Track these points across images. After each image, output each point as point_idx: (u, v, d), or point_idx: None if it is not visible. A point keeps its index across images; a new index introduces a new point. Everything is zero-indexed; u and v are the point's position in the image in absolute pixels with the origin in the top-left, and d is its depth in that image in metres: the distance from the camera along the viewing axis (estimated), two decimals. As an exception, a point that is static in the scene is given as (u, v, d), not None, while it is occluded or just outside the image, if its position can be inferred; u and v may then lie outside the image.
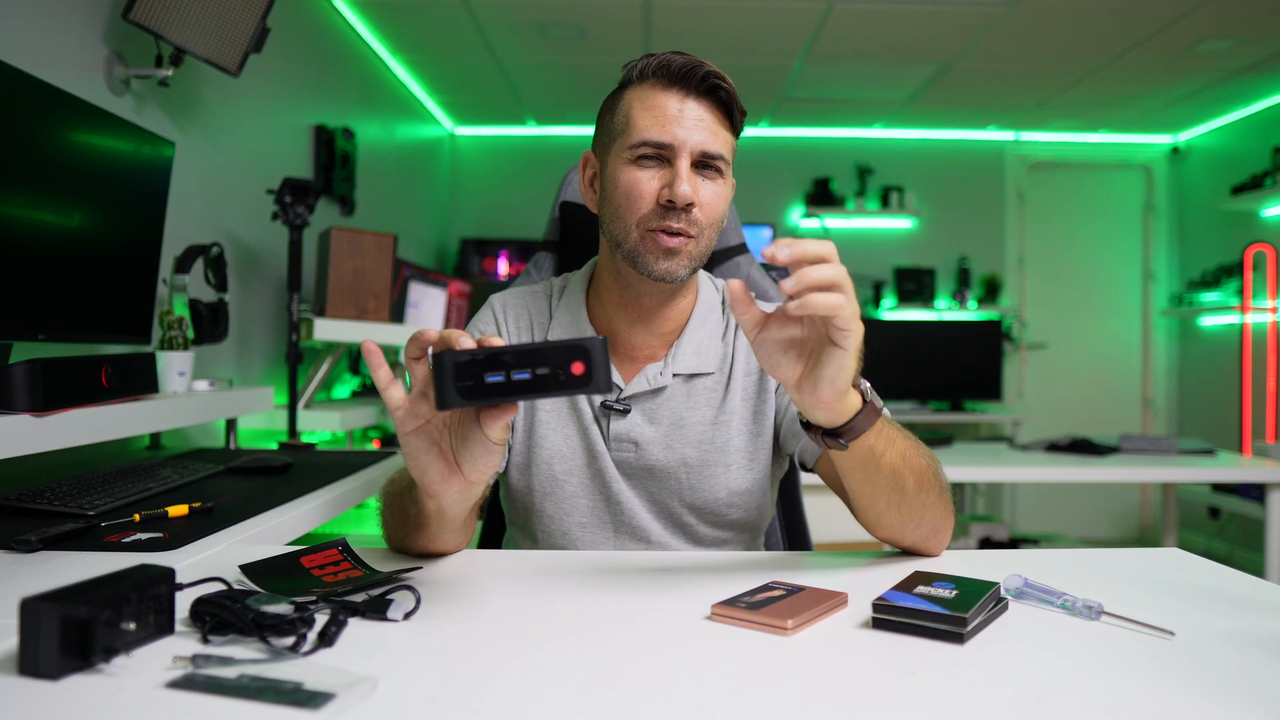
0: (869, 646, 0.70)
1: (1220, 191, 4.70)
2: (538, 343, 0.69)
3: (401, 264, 3.06)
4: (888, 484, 0.92)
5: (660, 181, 1.01)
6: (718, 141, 1.02)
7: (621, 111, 1.05)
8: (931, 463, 0.96)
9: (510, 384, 0.68)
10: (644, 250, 1.02)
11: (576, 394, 0.71)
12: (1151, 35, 3.58)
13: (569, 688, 0.61)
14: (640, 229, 1.02)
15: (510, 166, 5.20)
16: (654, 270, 1.02)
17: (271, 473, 1.60)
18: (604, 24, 3.56)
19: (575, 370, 0.68)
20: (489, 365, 0.68)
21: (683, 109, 1.01)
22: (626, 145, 1.02)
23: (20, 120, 1.39)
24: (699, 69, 1.00)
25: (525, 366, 0.68)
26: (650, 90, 1.02)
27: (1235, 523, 4.55)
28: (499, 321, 1.16)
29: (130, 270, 1.73)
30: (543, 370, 0.68)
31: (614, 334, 1.12)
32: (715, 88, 1.01)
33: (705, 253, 1.06)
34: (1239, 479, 3.28)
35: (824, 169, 5.19)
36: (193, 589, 0.75)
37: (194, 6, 1.95)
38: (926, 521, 0.96)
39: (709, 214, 1.03)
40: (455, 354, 0.68)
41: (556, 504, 1.10)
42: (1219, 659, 0.68)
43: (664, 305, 1.10)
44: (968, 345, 4.62)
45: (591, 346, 0.69)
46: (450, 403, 0.68)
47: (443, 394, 0.68)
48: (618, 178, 1.03)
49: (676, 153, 1.00)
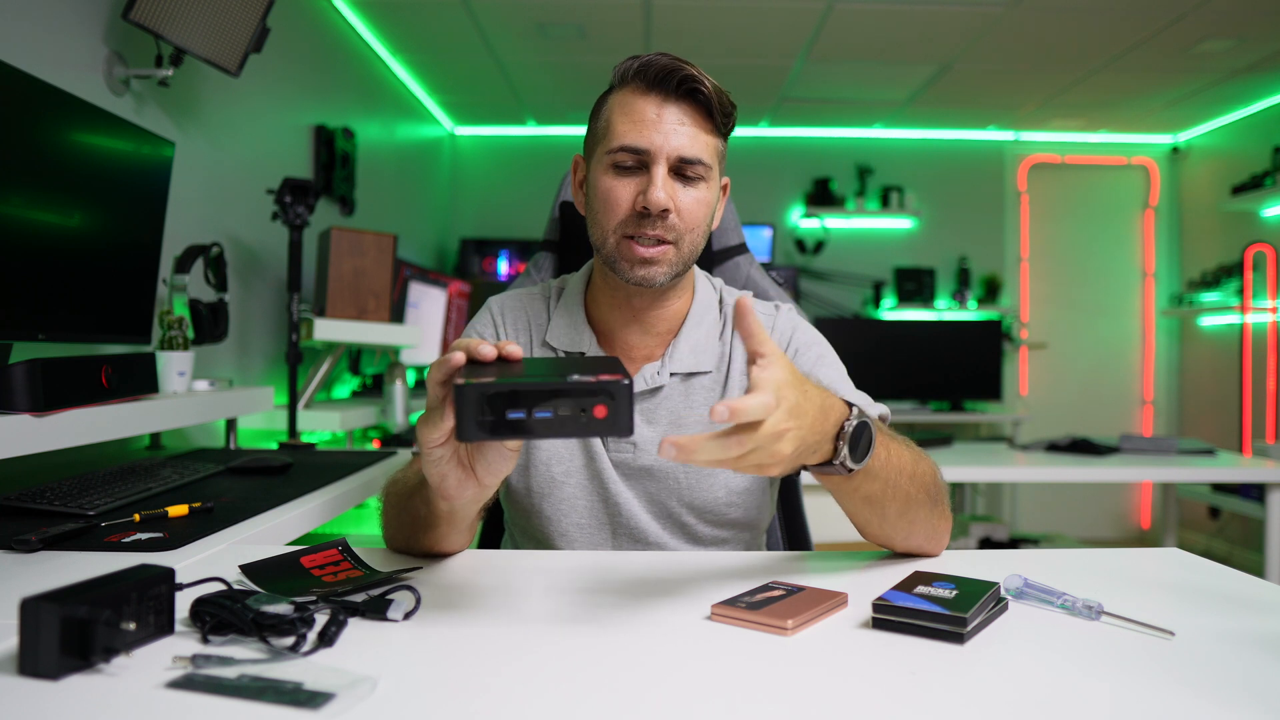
0: (869, 646, 0.70)
1: (1220, 191, 4.70)
2: (562, 381, 0.68)
3: (401, 264, 3.06)
4: (867, 508, 0.92)
5: (636, 188, 1.01)
6: (697, 145, 1.01)
7: (604, 116, 1.05)
8: (922, 481, 0.93)
9: (531, 421, 0.68)
10: (620, 257, 1.03)
11: (597, 436, 0.70)
12: (1151, 35, 3.58)
13: (569, 688, 0.61)
14: (616, 235, 1.02)
15: (510, 166, 5.20)
16: (630, 276, 1.03)
17: (271, 473, 1.60)
18: (604, 24, 3.56)
19: (598, 413, 0.68)
20: (512, 401, 0.67)
21: (661, 113, 1.00)
22: (605, 150, 1.03)
23: (20, 120, 1.39)
24: (677, 72, 0.99)
25: (548, 405, 0.68)
26: (631, 95, 1.02)
27: (1235, 523, 4.55)
28: (497, 324, 1.16)
29: (130, 270, 1.73)
30: (565, 411, 0.68)
31: (610, 334, 1.12)
32: (694, 91, 1.00)
33: (689, 258, 1.05)
34: (1239, 479, 3.28)
35: (824, 169, 5.19)
36: (193, 589, 0.75)
37: (194, 6, 1.95)
38: (917, 534, 0.96)
39: (688, 219, 1.02)
40: (479, 387, 0.67)
41: (555, 505, 1.10)
42: (1219, 659, 0.68)
43: (655, 306, 1.10)
44: (968, 345, 4.62)
45: (616, 391, 0.68)
46: (471, 436, 0.68)
47: (464, 427, 0.68)
48: (597, 184, 1.04)
49: (653, 158, 1.00)
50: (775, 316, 1.15)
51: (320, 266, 2.64)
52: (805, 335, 1.14)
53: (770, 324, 1.14)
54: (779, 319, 1.15)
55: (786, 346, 1.12)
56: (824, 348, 1.14)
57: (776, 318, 1.15)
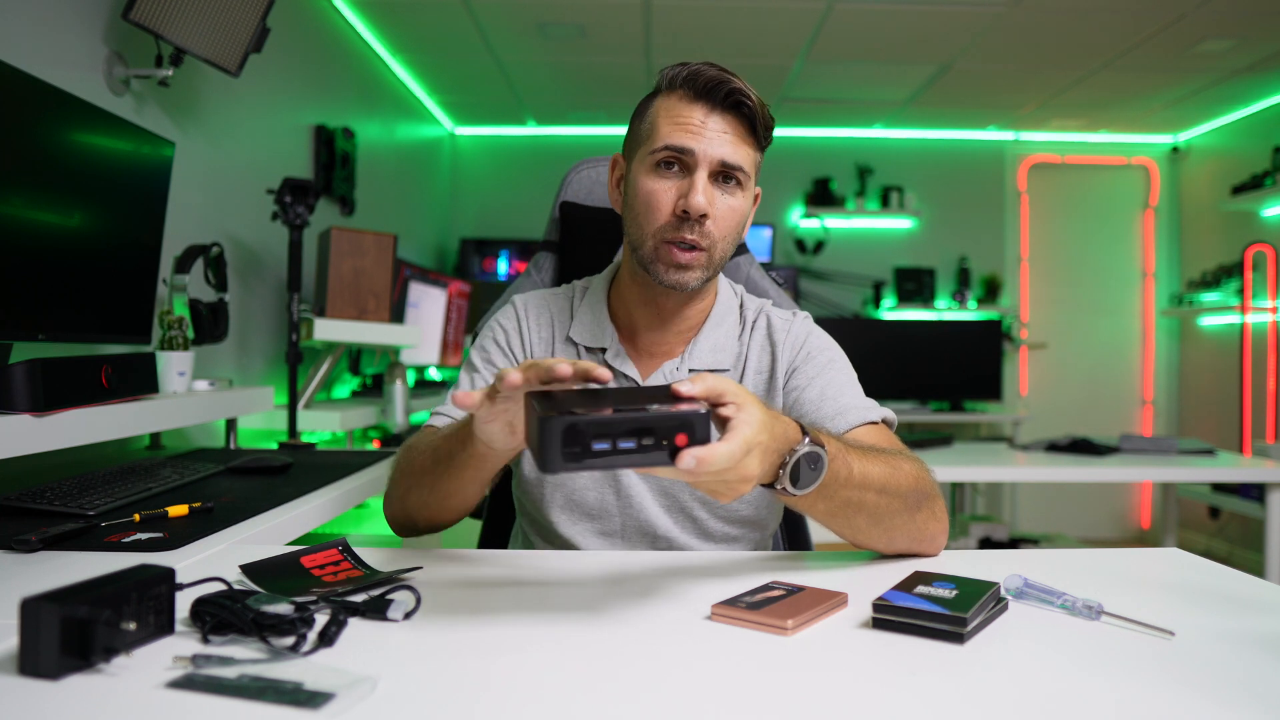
0: (869, 646, 0.70)
1: (1220, 191, 4.70)
2: (647, 413, 0.69)
3: (401, 264, 3.05)
4: (830, 520, 0.92)
5: (678, 192, 1.03)
6: (739, 155, 1.04)
7: (649, 118, 1.07)
8: (897, 492, 0.92)
9: (615, 452, 0.69)
10: (657, 259, 1.05)
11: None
12: (1151, 35, 3.58)
13: (569, 688, 0.61)
14: (656, 239, 1.05)
15: (510, 166, 5.20)
16: (665, 279, 1.05)
17: (271, 473, 1.60)
18: (604, 24, 3.56)
19: (679, 441, 0.70)
20: (598, 432, 0.68)
21: (706, 121, 1.03)
22: (649, 150, 1.05)
23: (20, 120, 1.39)
24: (725, 84, 1.02)
25: (632, 436, 0.69)
26: (677, 101, 1.05)
27: (1235, 523, 4.55)
28: (520, 319, 1.19)
29: (130, 270, 1.72)
30: (648, 440, 0.69)
31: (632, 332, 1.14)
32: (740, 104, 1.03)
33: (720, 262, 1.08)
34: (1239, 479, 3.28)
35: (824, 169, 5.19)
36: (193, 589, 0.75)
37: (194, 6, 1.95)
38: (899, 540, 0.97)
39: (723, 227, 1.05)
40: (566, 420, 0.68)
41: (567, 495, 1.12)
42: (1219, 659, 0.68)
43: (683, 307, 1.12)
44: (968, 345, 4.61)
45: (696, 420, 0.70)
46: (554, 468, 0.68)
47: (548, 458, 0.68)
48: (639, 184, 1.06)
49: (697, 162, 1.02)
50: (792, 321, 1.17)
51: (320, 266, 2.64)
52: (818, 341, 1.16)
53: (786, 328, 1.16)
54: (794, 324, 1.17)
55: (800, 349, 1.14)
56: (835, 353, 1.16)
57: (793, 323, 1.17)
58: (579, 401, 0.72)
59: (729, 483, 0.75)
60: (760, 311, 1.18)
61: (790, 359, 1.13)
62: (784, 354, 1.13)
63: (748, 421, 0.74)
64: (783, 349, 1.14)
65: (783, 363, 1.13)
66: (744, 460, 0.74)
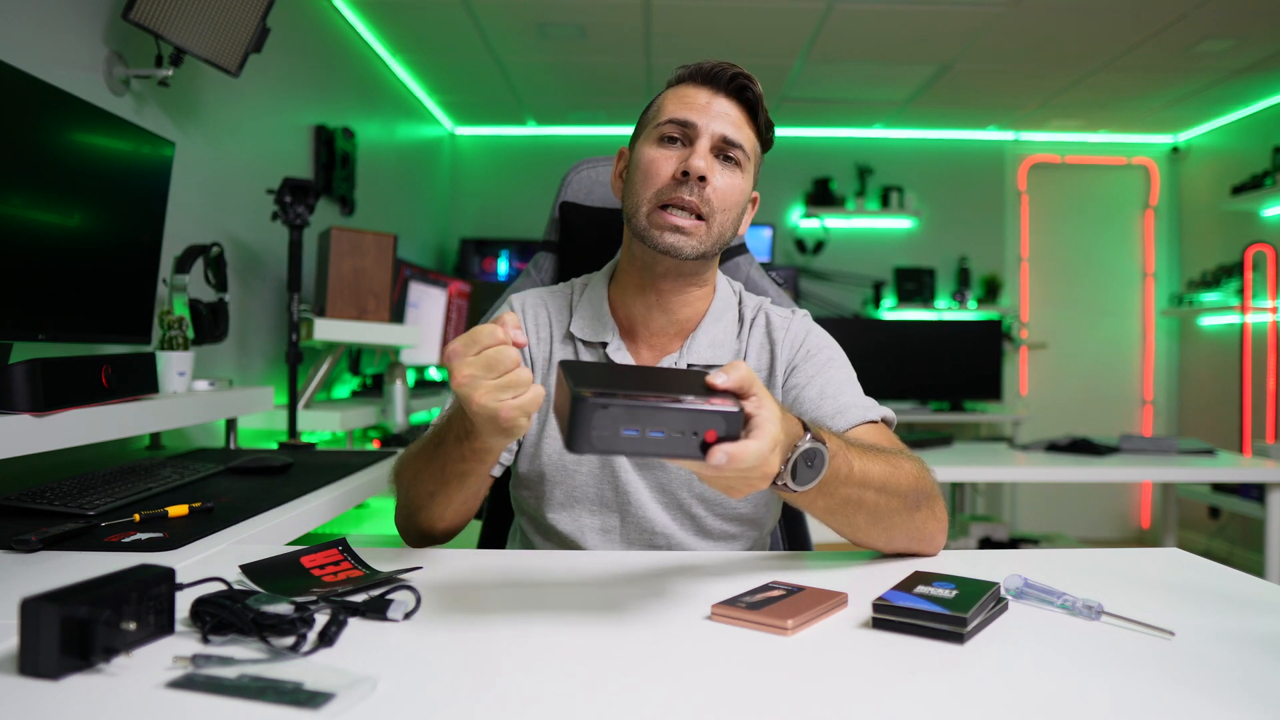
0: (869, 646, 0.70)
1: (1220, 191, 4.70)
2: (685, 406, 0.68)
3: (401, 264, 3.06)
4: (830, 518, 0.92)
5: (679, 160, 1.05)
6: (740, 134, 1.07)
7: (656, 105, 1.11)
8: (897, 491, 0.92)
9: (644, 439, 0.67)
10: (651, 225, 1.05)
11: (699, 459, 0.70)
12: (1151, 35, 3.58)
13: (569, 688, 0.61)
14: (652, 203, 1.05)
15: (510, 166, 5.20)
16: (660, 243, 1.05)
17: (271, 473, 1.60)
18: (604, 24, 3.56)
19: (709, 437, 0.69)
20: (632, 419, 0.66)
21: (710, 102, 1.06)
22: (653, 125, 1.08)
23: (20, 120, 1.39)
24: (729, 69, 1.06)
25: (661, 426, 0.67)
26: (684, 86, 1.09)
27: (1235, 523, 4.55)
28: (519, 318, 1.17)
29: (130, 270, 1.72)
30: (678, 433, 0.68)
31: (632, 326, 1.14)
32: (743, 89, 1.07)
33: (717, 239, 1.08)
34: (1239, 479, 3.28)
35: (824, 169, 5.19)
36: (193, 589, 0.75)
37: (194, 6, 1.95)
38: (897, 539, 0.97)
39: (722, 199, 1.06)
40: (602, 402, 0.66)
41: (566, 492, 1.11)
42: (1219, 659, 0.68)
43: (681, 290, 1.12)
44: (968, 345, 4.62)
45: (730, 418, 0.69)
46: (582, 449, 0.66)
47: (576, 439, 0.66)
48: (641, 155, 1.08)
49: (699, 133, 1.05)
50: (790, 319, 1.17)
51: (320, 266, 2.64)
52: (817, 339, 1.16)
53: (785, 326, 1.16)
54: (793, 322, 1.17)
55: (799, 348, 1.14)
56: (835, 351, 1.16)
57: (792, 321, 1.17)
58: (610, 378, 0.70)
59: (750, 480, 0.75)
60: (759, 309, 1.18)
61: (789, 357, 1.13)
62: (783, 352, 1.13)
63: (770, 419, 0.73)
64: (782, 347, 1.14)
65: (782, 361, 1.13)
66: (770, 457, 0.73)
